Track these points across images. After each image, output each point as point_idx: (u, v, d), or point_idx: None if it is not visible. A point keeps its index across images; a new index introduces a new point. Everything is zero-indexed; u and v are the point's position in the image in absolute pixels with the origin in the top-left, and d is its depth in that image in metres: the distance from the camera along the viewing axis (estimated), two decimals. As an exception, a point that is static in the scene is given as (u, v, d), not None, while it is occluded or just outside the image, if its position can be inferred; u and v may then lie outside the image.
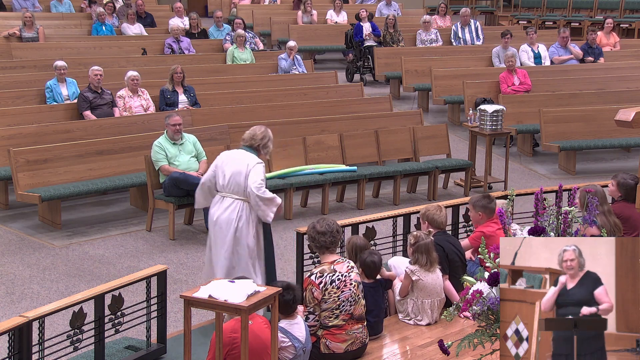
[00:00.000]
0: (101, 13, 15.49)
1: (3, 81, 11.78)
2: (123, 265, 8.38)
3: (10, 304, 7.46)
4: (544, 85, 13.59)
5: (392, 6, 18.47)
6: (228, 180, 6.68)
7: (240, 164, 6.67)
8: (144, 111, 11.15)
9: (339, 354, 5.67)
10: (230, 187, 6.68)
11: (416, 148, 11.27)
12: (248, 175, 6.59)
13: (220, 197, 6.76)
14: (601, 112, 11.92)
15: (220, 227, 6.68)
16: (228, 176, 6.69)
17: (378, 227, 7.71)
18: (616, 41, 16.56)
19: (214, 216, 6.74)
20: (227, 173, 6.70)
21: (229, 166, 6.72)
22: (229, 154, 6.89)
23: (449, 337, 5.55)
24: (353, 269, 5.82)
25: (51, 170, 9.33)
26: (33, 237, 9.06)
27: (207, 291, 4.70)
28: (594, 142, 12.04)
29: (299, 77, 13.77)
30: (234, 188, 6.67)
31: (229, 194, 6.69)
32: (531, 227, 4.40)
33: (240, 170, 6.65)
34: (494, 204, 7.04)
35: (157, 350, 6.27)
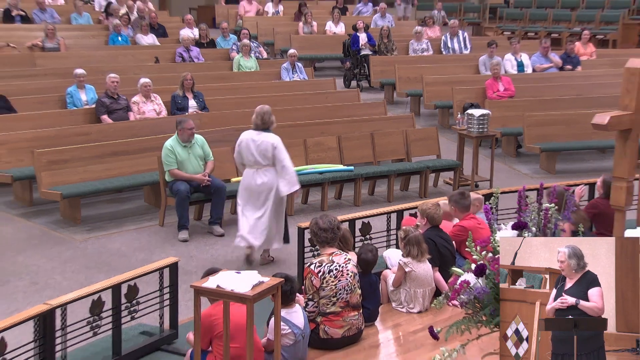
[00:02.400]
0: (117, 24, 15.51)
1: (27, 88, 11.79)
2: (138, 257, 8.39)
3: (35, 293, 7.49)
4: (526, 92, 13.60)
5: (387, 18, 18.49)
6: (257, 158, 7.83)
7: (265, 143, 7.82)
8: (156, 115, 11.16)
9: (336, 339, 5.69)
10: (260, 162, 7.83)
11: (408, 149, 11.29)
12: (275, 151, 7.79)
13: (252, 170, 7.90)
14: (579, 117, 11.93)
15: (261, 192, 7.86)
16: (257, 154, 7.83)
17: (373, 222, 7.72)
18: (592, 51, 16.58)
19: (251, 185, 7.89)
20: (255, 152, 7.84)
21: (254, 146, 7.85)
22: (251, 136, 7.91)
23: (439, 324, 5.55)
24: (350, 261, 5.84)
25: (71, 169, 9.35)
26: (55, 232, 9.07)
27: (215, 282, 4.71)
28: (573, 144, 12.07)
29: (300, 83, 13.78)
30: (263, 162, 7.85)
31: (260, 167, 7.85)
32: (514, 223, 4.41)
33: (267, 148, 7.82)
34: (467, 200, 7.09)
35: (169, 336, 6.29)
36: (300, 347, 5.44)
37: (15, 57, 13.61)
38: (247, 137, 7.95)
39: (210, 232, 9.11)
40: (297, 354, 5.44)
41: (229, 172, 9.84)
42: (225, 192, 9.13)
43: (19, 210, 9.62)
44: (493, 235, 4.32)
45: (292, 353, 5.41)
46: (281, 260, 8.38)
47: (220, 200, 9.12)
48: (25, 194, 9.77)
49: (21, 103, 11.02)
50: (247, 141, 7.93)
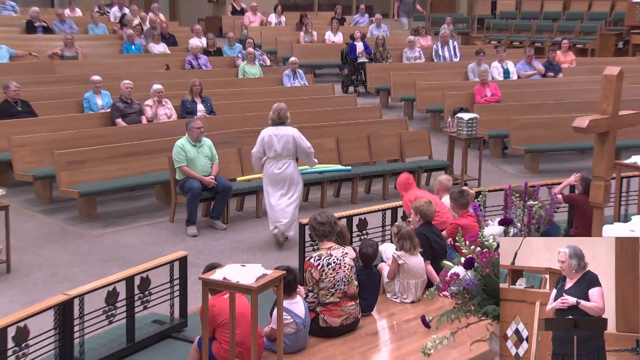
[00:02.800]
0: (131, 34, 15.50)
1: (47, 93, 11.79)
2: (149, 251, 8.38)
3: (55, 284, 7.49)
4: (512, 97, 13.59)
5: (382, 28, 18.48)
6: (281, 149, 8.27)
7: (286, 136, 8.28)
8: (167, 119, 11.15)
9: (335, 328, 5.68)
10: (284, 153, 8.28)
11: (402, 150, 11.28)
12: (298, 140, 8.31)
13: (274, 161, 8.32)
14: (560, 120, 11.92)
15: (284, 179, 8.35)
16: (280, 146, 8.27)
17: (370, 218, 7.71)
18: (572, 59, 16.55)
19: (274, 173, 8.32)
20: (278, 145, 8.27)
21: (276, 140, 8.26)
22: (272, 131, 8.32)
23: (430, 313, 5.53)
24: (347, 255, 5.83)
25: (88, 169, 9.34)
26: (73, 227, 9.07)
27: (222, 274, 4.70)
28: (555, 146, 12.06)
29: (301, 89, 13.77)
30: (286, 153, 8.31)
31: (281, 158, 8.30)
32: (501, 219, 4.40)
33: (288, 140, 8.28)
34: (465, 199, 7.12)
35: (179, 324, 6.28)
36: (301, 335, 5.44)
37: (36, 65, 13.62)
38: (269, 133, 8.31)
39: (212, 226, 9.12)
40: (299, 341, 5.44)
41: (234, 172, 9.84)
42: (231, 191, 9.14)
43: (40, 207, 9.62)
44: (481, 231, 4.31)
45: (294, 341, 5.41)
46: (283, 255, 8.37)
47: (225, 198, 9.13)
48: (45, 192, 9.76)
49: (42, 107, 11.02)
50: (270, 136, 8.28)
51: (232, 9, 21.12)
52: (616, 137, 4.37)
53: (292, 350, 5.40)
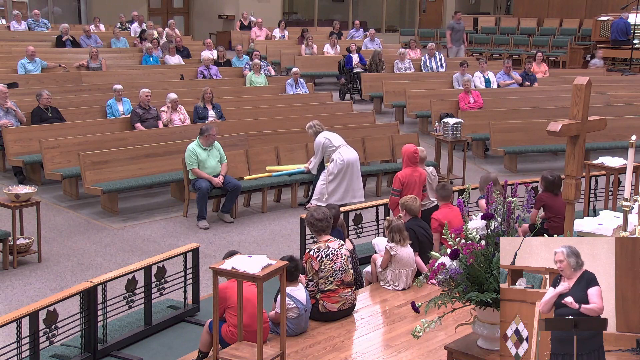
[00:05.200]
0: (149, 47, 15.48)
1: (74, 101, 11.76)
2: (165, 243, 8.36)
3: (80, 272, 7.47)
4: (492, 103, 13.57)
5: (375, 41, 18.44)
6: (340, 142, 9.55)
7: (336, 135, 9.69)
8: (181, 123, 11.13)
9: (333, 312, 5.66)
10: (343, 143, 9.54)
11: (394, 152, 11.24)
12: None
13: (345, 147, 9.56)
14: (536, 125, 11.87)
15: (353, 162, 9.51)
16: (338, 140, 9.58)
17: (364, 213, 7.70)
18: (546, 70, 16.53)
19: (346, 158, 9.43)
20: (336, 140, 9.58)
21: (334, 137, 9.60)
22: (329, 134, 9.66)
23: (419, 299, 5.55)
24: (343, 246, 5.81)
25: (110, 169, 9.31)
26: (97, 221, 9.04)
27: (230, 264, 4.67)
28: (531, 148, 12.02)
29: (302, 96, 13.74)
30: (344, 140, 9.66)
31: (343, 146, 9.52)
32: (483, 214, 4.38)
33: (339, 136, 9.64)
34: (445, 192, 7.11)
35: (192, 309, 6.28)
36: (303, 319, 5.41)
37: (65, 75, 13.60)
38: (326, 135, 9.58)
39: (222, 219, 9.10)
40: (301, 325, 5.42)
41: (241, 171, 9.81)
42: (240, 190, 9.12)
43: (67, 203, 9.59)
44: (465, 225, 4.28)
45: (296, 324, 5.38)
46: (285, 247, 8.35)
47: (235, 195, 9.11)
48: (72, 189, 9.74)
49: (70, 113, 11.00)
50: (329, 134, 9.59)
51: (240, 24, 21.13)
52: (585, 140, 4.37)
53: (295, 333, 5.37)
